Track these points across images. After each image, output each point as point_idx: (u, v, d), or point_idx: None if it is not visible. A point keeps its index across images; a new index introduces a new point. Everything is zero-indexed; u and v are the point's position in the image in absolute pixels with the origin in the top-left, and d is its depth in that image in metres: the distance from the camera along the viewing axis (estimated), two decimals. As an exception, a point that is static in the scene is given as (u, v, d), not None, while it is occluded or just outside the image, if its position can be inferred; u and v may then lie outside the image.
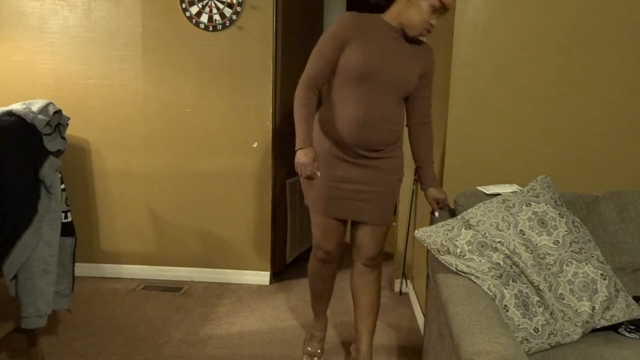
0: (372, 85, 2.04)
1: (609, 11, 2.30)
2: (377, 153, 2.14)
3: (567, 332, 1.76)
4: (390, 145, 2.16)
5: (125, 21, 3.25)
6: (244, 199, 3.40)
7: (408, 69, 2.08)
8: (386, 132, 2.11)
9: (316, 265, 2.39)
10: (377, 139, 2.10)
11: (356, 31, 2.02)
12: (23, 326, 2.25)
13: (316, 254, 2.35)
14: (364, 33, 2.03)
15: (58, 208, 2.31)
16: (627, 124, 2.38)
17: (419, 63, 2.11)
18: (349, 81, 2.06)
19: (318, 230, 2.28)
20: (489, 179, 2.35)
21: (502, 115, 2.38)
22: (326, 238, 2.28)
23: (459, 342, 1.41)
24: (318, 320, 2.57)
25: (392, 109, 2.10)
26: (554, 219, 1.89)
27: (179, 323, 2.89)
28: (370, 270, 2.33)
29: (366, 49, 2.02)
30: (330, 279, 2.45)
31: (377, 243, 2.28)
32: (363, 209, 2.19)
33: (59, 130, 2.35)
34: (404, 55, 2.08)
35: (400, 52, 2.07)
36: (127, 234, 3.48)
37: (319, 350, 2.54)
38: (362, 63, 2.01)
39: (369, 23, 2.05)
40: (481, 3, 2.31)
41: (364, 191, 2.16)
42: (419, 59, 2.12)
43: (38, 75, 3.31)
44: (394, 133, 2.15)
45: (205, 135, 3.33)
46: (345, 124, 2.08)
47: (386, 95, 2.07)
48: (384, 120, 2.09)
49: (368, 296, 2.34)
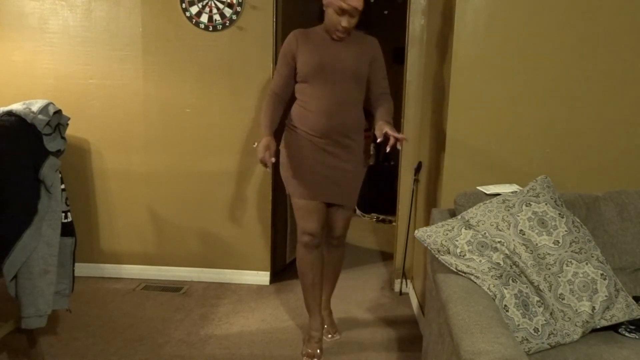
0: (327, 79, 2.41)
1: (609, 11, 2.30)
2: (346, 139, 2.46)
3: (567, 332, 1.76)
4: (357, 134, 2.51)
5: (125, 21, 3.25)
6: (244, 199, 3.40)
7: (355, 59, 2.43)
8: (349, 117, 2.46)
9: (303, 252, 2.57)
10: (342, 124, 2.44)
11: (301, 44, 2.44)
12: (23, 326, 2.25)
13: (301, 240, 2.54)
14: (308, 43, 2.44)
15: (58, 208, 2.31)
16: (627, 124, 2.38)
17: (365, 52, 2.47)
18: (308, 81, 2.44)
19: (302, 215, 2.52)
20: (489, 179, 2.35)
21: (502, 115, 2.38)
22: (309, 220, 2.50)
23: (459, 342, 1.41)
24: (314, 319, 2.65)
25: (351, 95, 2.45)
26: (554, 219, 1.89)
27: (179, 323, 2.89)
28: (336, 248, 2.70)
29: (311, 53, 2.41)
30: (318, 268, 2.60)
31: (345, 223, 2.64)
32: (338, 192, 2.51)
33: (59, 130, 2.36)
34: (348, 50, 2.43)
35: (343, 49, 2.43)
36: (127, 234, 3.48)
37: (318, 350, 2.58)
38: (310, 64, 2.40)
39: (310, 34, 2.47)
40: (481, 3, 2.31)
41: (338, 177, 2.49)
42: (365, 48, 2.48)
43: (38, 75, 3.31)
44: (358, 118, 2.50)
45: (205, 135, 3.34)
46: (313, 116, 2.43)
47: (342, 85, 2.42)
48: (345, 107, 2.44)
49: (333, 267, 2.74)
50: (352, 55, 2.43)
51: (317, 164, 2.46)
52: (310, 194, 2.48)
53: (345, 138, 2.46)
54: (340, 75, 2.41)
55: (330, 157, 2.46)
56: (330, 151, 2.45)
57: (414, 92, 3.22)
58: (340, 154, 2.47)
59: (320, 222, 2.52)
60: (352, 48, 2.44)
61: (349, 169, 2.50)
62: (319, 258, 2.59)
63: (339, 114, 2.42)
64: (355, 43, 2.47)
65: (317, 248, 2.56)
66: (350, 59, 2.42)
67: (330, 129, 2.42)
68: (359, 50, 2.45)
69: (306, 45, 2.43)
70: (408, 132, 3.28)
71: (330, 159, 2.46)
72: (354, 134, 2.49)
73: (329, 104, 2.41)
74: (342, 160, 2.47)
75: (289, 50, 2.46)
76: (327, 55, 2.41)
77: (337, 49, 2.43)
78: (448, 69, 2.41)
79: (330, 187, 2.49)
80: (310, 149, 2.45)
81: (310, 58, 2.40)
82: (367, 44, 2.51)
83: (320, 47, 2.42)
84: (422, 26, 3.16)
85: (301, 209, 2.50)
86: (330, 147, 2.45)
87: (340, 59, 2.41)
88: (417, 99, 3.22)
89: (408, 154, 3.30)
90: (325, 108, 2.41)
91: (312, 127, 2.43)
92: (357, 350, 2.67)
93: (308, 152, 2.46)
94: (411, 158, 3.29)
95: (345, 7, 2.31)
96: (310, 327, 2.65)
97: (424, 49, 3.16)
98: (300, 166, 2.47)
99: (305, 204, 2.49)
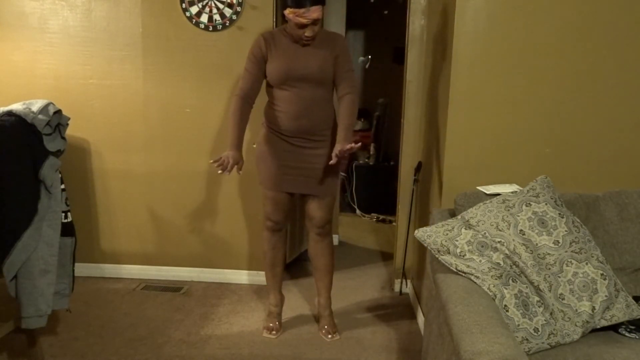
0: (294, 85, 2.53)
1: (609, 11, 2.29)
2: (317, 137, 2.61)
3: (567, 332, 1.76)
4: (326, 130, 2.63)
5: (125, 21, 3.25)
6: (244, 199, 3.40)
7: (321, 62, 2.51)
8: (316, 118, 2.58)
9: (266, 234, 2.82)
10: (311, 124, 2.57)
11: (268, 47, 2.53)
12: (23, 326, 2.25)
13: (266, 224, 2.79)
14: (276, 49, 2.53)
15: (58, 208, 2.31)
16: (627, 124, 2.38)
17: (330, 49, 2.54)
18: (277, 85, 2.57)
19: (268, 204, 2.73)
20: (489, 179, 2.35)
21: (502, 115, 2.38)
22: (275, 210, 2.73)
23: (459, 342, 1.42)
24: (273, 295, 2.90)
25: (319, 95, 2.57)
26: (554, 219, 1.89)
27: (179, 323, 2.89)
28: (321, 238, 2.78)
29: (278, 60, 2.51)
30: (280, 249, 2.85)
31: (325, 213, 2.71)
32: (308, 183, 2.65)
33: (59, 130, 2.35)
34: (314, 54, 2.52)
35: (309, 54, 2.52)
36: (127, 234, 3.48)
37: (277, 323, 2.85)
38: (277, 71, 2.51)
39: (278, 39, 2.55)
40: (481, 3, 2.31)
41: (309, 168, 2.63)
42: (329, 45, 2.55)
43: (38, 75, 3.31)
44: (326, 116, 2.62)
45: (205, 135, 3.34)
46: (283, 117, 2.57)
47: (309, 86, 2.54)
48: (314, 108, 2.56)
49: (323, 259, 2.81)
50: (318, 59, 2.52)
51: (287, 158, 2.62)
52: (277, 185, 2.67)
53: (314, 135, 2.61)
54: (306, 80, 2.52)
55: (300, 151, 2.62)
56: (301, 146, 2.61)
57: (414, 92, 3.22)
58: (311, 148, 2.62)
59: (284, 211, 2.75)
60: (319, 51, 2.53)
61: (320, 162, 2.63)
62: (281, 240, 2.84)
63: (307, 116, 2.56)
64: (321, 46, 2.54)
65: (279, 232, 2.81)
66: (316, 64, 2.51)
67: (299, 129, 2.57)
68: (324, 53, 2.53)
69: (275, 51, 2.53)
70: (408, 132, 3.28)
71: (300, 153, 2.62)
72: (323, 130, 2.63)
73: (297, 107, 2.54)
74: (311, 154, 2.62)
75: (259, 52, 2.55)
76: (294, 62, 2.51)
77: (304, 55, 2.52)
78: (448, 69, 2.41)
79: (298, 179, 2.65)
80: (281, 145, 2.62)
81: (278, 65, 2.51)
82: (333, 42, 2.57)
83: (287, 54, 2.52)
84: (422, 26, 3.16)
85: (268, 199, 2.72)
86: (300, 143, 2.61)
87: (306, 65, 2.51)
88: (417, 99, 3.22)
89: (408, 154, 3.31)
90: (293, 110, 2.55)
91: (281, 126, 2.59)
92: (357, 350, 2.67)
93: (279, 147, 2.63)
94: (411, 158, 3.29)
95: (305, 23, 2.40)
96: (269, 303, 2.90)
97: (424, 49, 3.16)
98: (271, 160, 2.65)
99: (273, 195, 2.70)
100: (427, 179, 2.95)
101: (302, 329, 2.87)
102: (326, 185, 2.68)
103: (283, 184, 2.66)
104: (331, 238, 2.83)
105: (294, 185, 2.67)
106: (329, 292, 2.87)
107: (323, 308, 2.85)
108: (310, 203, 2.71)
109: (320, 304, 2.86)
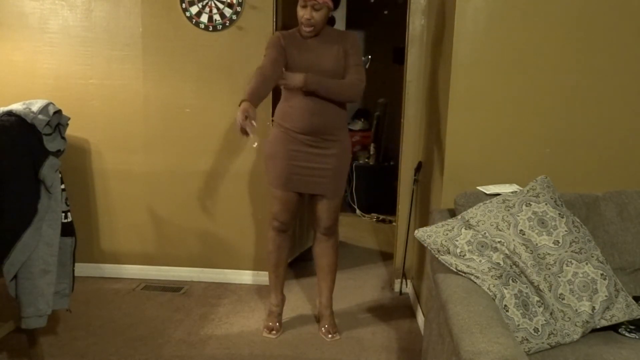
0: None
1: (610, 11, 2.29)
2: (328, 136, 2.60)
3: (567, 332, 1.76)
4: (337, 131, 2.62)
5: (125, 21, 3.25)
6: (244, 199, 3.40)
7: (334, 60, 2.55)
8: (330, 116, 2.58)
9: (272, 234, 2.79)
10: (324, 122, 2.56)
11: (287, 42, 2.55)
12: (23, 326, 2.25)
13: (273, 224, 2.77)
14: (292, 47, 2.55)
15: (58, 208, 2.31)
16: (627, 124, 2.38)
17: (340, 44, 2.57)
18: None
19: (276, 203, 2.71)
20: (489, 179, 2.35)
21: (502, 115, 2.38)
22: (283, 210, 2.71)
23: (459, 342, 1.42)
24: (275, 295, 2.89)
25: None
26: (554, 219, 1.89)
27: (179, 323, 2.89)
28: (327, 238, 2.78)
29: (294, 58, 2.53)
30: (285, 250, 2.84)
31: (332, 213, 2.72)
32: (318, 183, 2.64)
33: (59, 130, 2.35)
34: (324, 48, 2.56)
35: (319, 47, 2.56)
36: (127, 234, 3.48)
37: (277, 323, 2.84)
38: (293, 69, 2.51)
39: (292, 38, 2.58)
40: (481, 3, 2.31)
41: (319, 169, 2.62)
42: (339, 41, 2.58)
43: (38, 75, 3.30)
44: (339, 116, 2.62)
45: (205, 135, 3.33)
46: (297, 115, 2.56)
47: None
48: (327, 106, 2.55)
49: (327, 259, 2.82)
50: (332, 56, 2.55)
51: (298, 158, 2.60)
52: (286, 185, 2.64)
53: (327, 135, 2.59)
54: (321, 74, 2.51)
55: (312, 151, 2.60)
56: (312, 145, 2.59)
57: (414, 92, 3.22)
58: (322, 148, 2.60)
59: (292, 212, 2.73)
60: (332, 47, 2.56)
61: (331, 162, 2.62)
62: (286, 241, 2.82)
63: (320, 113, 2.55)
64: (333, 42, 2.58)
65: (285, 232, 2.79)
66: (330, 61, 2.54)
67: (312, 127, 2.56)
68: (337, 48, 2.57)
69: (290, 49, 2.55)
70: (408, 132, 3.28)
71: (310, 153, 2.60)
72: (336, 130, 2.62)
73: (311, 103, 2.53)
74: (323, 154, 2.61)
75: (278, 42, 2.55)
76: (308, 59, 2.54)
77: (318, 52, 2.56)
78: (448, 69, 2.41)
79: (308, 178, 2.63)
80: (293, 144, 2.60)
81: (294, 63, 2.53)
82: (344, 39, 2.60)
83: (302, 52, 2.55)
84: (422, 26, 3.16)
85: (277, 199, 2.69)
86: (313, 142, 2.59)
87: (320, 62, 2.54)
88: (417, 99, 3.22)
89: (408, 154, 3.31)
90: (307, 107, 2.54)
91: (295, 124, 2.57)
92: (357, 350, 2.67)
93: (290, 146, 2.60)
94: (411, 158, 3.29)
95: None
96: (270, 303, 2.89)
97: (424, 49, 3.16)
98: (281, 159, 2.62)
99: (281, 195, 2.67)
100: (427, 179, 2.95)
101: (303, 329, 2.87)
102: (335, 186, 2.68)
103: (293, 183, 2.65)
104: (336, 238, 2.83)
105: (304, 186, 2.66)
106: (331, 292, 2.87)
107: (324, 307, 2.86)
108: (319, 204, 2.70)
109: (322, 304, 2.87)
